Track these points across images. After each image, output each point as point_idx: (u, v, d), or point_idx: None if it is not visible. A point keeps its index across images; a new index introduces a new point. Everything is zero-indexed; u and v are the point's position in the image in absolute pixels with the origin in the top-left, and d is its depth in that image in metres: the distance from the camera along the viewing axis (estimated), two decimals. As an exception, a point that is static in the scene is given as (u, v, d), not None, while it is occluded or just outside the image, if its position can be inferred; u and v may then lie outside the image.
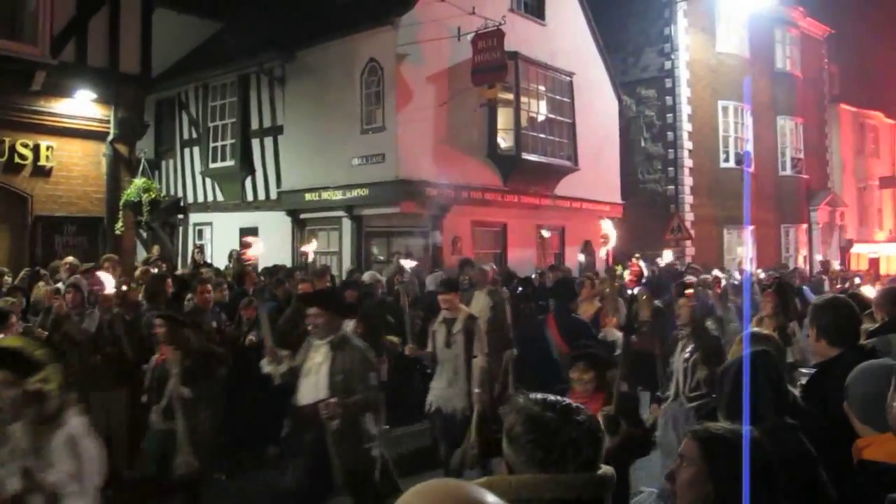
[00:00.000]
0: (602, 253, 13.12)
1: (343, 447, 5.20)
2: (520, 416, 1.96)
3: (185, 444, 5.83)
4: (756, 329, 4.38)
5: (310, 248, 9.60)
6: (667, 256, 15.70)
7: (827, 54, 29.76)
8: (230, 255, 12.75)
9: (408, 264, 10.66)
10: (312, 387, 5.37)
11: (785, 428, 2.95)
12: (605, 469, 1.95)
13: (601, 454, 1.94)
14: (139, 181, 13.91)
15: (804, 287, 13.46)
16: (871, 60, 30.24)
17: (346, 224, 15.87)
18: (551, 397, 2.02)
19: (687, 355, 6.16)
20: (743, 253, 22.51)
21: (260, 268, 13.26)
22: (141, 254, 14.47)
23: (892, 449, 2.64)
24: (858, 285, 13.93)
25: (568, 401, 2.04)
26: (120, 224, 13.32)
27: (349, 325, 6.49)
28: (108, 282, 7.33)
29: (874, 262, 31.45)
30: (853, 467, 2.83)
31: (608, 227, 7.59)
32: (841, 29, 29.49)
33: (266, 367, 5.71)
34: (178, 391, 5.89)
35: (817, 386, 3.84)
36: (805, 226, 27.10)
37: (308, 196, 16.09)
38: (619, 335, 7.78)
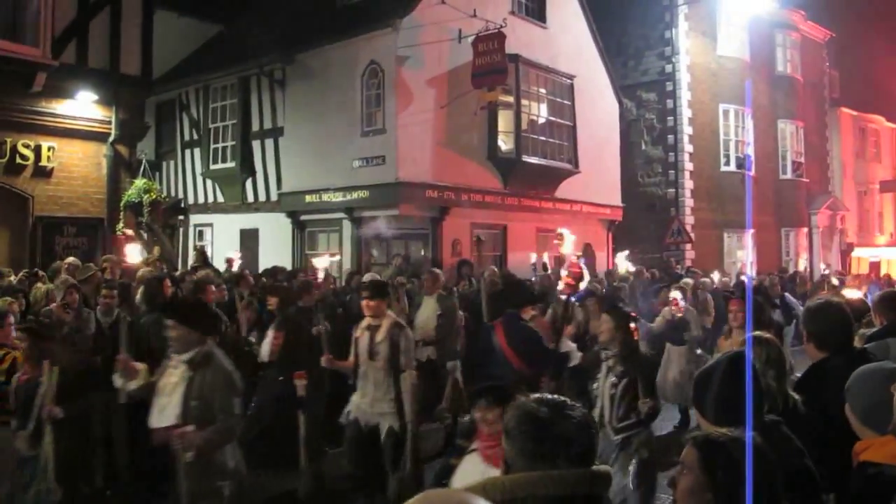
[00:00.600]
0: (544, 258, 12.86)
1: (190, 481, 4.48)
2: (516, 411, 2.01)
3: (50, 470, 5.27)
4: (757, 333, 4.27)
5: (321, 262, 9.32)
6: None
7: (828, 58, 29.78)
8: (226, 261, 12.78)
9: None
10: (162, 410, 4.62)
11: (770, 426, 2.95)
12: (600, 466, 1.97)
13: (594, 450, 1.96)
14: (140, 182, 13.94)
15: (786, 294, 13.40)
16: (872, 64, 30.27)
17: (347, 226, 15.88)
18: (549, 395, 2.05)
19: (614, 379, 5.41)
20: (743, 257, 22.51)
21: (260, 269, 13.30)
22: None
23: (893, 451, 2.65)
24: (836, 287, 13.88)
25: (563, 398, 2.06)
26: (121, 225, 13.35)
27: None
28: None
29: (875, 266, 31.48)
30: (851, 469, 2.84)
31: (566, 230, 6.85)
32: (842, 32, 29.53)
33: (117, 381, 5.04)
34: (49, 411, 5.30)
35: (804, 389, 3.86)
36: (805, 230, 27.09)
37: (308, 198, 16.10)
38: (573, 346, 7.30)
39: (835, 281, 16.04)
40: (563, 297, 6.54)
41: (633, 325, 5.69)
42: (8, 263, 11.31)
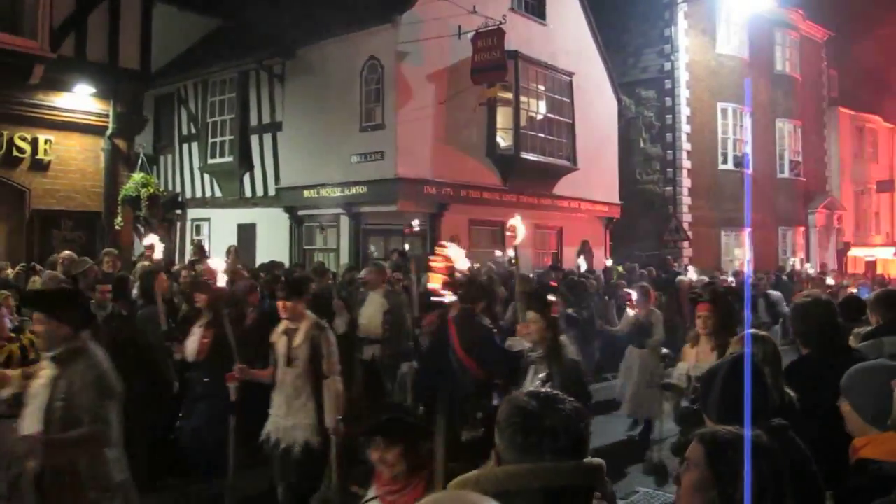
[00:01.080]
0: (510, 251, 12.48)
1: (51, 498, 3.93)
2: (507, 404, 2.03)
3: None
4: (754, 330, 4.27)
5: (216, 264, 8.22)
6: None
7: (826, 57, 29.80)
8: (227, 251, 12.75)
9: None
10: (30, 416, 4.04)
11: (777, 429, 2.95)
12: (594, 459, 1.97)
13: (585, 442, 1.96)
14: (137, 176, 13.91)
15: (769, 292, 13.38)
16: (871, 64, 30.27)
17: (345, 221, 15.86)
18: (543, 389, 2.06)
19: (538, 384, 4.66)
20: (741, 255, 22.55)
21: (257, 264, 13.27)
22: (139, 249, 14.44)
23: (892, 448, 2.65)
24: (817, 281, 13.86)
25: (555, 392, 2.07)
26: (119, 219, 13.31)
27: None
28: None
29: (871, 266, 31.54)
30: (847, 467, 2.85)
31: (517, 220, 5.84)
32: (840, 32, 29.52)
33: None
34: None
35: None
36: (803, 228, 27.14)
37: (306, 193, 16.09)
38: (528, 345, 6.67)
39: (830, 280, 16.06)
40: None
41: (552, 300, 5.14)
42: (5, 257, 11.27)
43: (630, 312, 9.26)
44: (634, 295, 9.11)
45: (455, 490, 1.88)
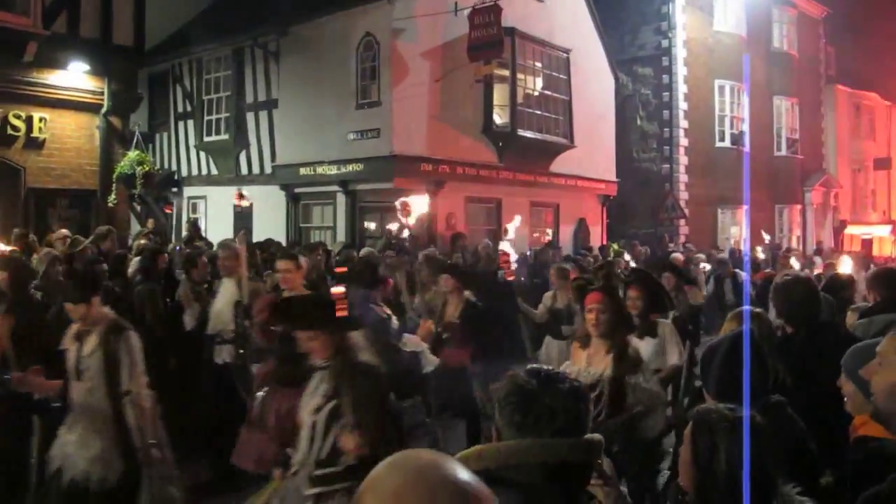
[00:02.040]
0: (402, 228, 11.40)
1: None
2: (507, 383, 2.02)
3: None
4: (748, 307, 4.26)
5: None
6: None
7: (824, 34, 29.66)
8: (238, 238, 12.57)
9: None
10: None
11: (776, 406, 2.98)
12: (593, 435, 2.00)
13: (583, 421, 1.98)
14: (133, 154, 13.87)
15: (736, 270, 13.16)
16: (868, 42, 30.16)
17: (341, 199, 15.84)
18: (544, 368, 2.08)
19: (319, 401, 3.64)
20: (737, 233, 22.57)
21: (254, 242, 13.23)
22: (135, 227, 14.44)
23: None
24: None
25: (556, 370, 2.09)
26: (112, 197, 13.29)
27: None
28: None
29: (867, 244, 31.59)
30: (838, 443, 2.87)
31: (418, 200, 4.99)
32: (838, 9, 29.36)
33: None
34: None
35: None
36: (799, 206, 27.16)
37: (302, 171, 16.06)
38: (424, 347, 6.11)
39: (794, 263, 15.59)
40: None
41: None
42: (0, 236, 11.25)
43: (548, 295, 8.42)
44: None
45: (482, 455, 1.92)
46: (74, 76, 12.84)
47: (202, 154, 18.79)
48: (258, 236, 14.48)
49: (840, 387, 2.89)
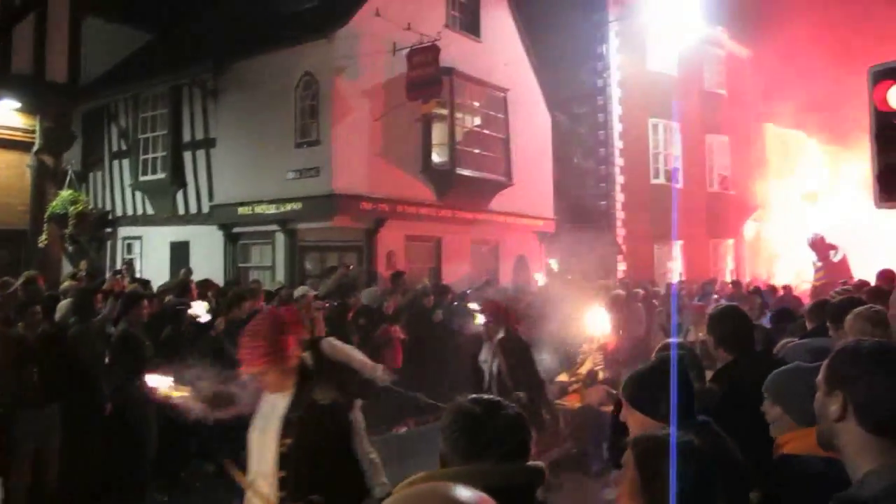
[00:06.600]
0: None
1: None
2: (452, 410, 2.06)
3: None
4: (673, 339, 4.45)
5: None
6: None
7: (752, 75, 30.64)
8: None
9: None
10: None
11: (702, 426, 3.04)
12: (537, 462, 2.04)
13: (527, 446, 2.03)
14: (66, 193, 13.63)
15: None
16: (792, 82, 31.22)
17: (280, 238, 15.71)
18: (486, 396, 2.13)
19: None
20: (672, 268, 22.99)
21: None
22: (66, 268, 14.09)
23: (815, 442, 2.75)
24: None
25: (498, 398, 2.13)
26: (44, 237, 12.98)
27: None
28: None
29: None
30: (772, 463, 2.94)
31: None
32: (762, 51, 30.38)
33: None
34: None
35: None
36: (733, 241, 27.84)
37: (241, 210, 15.89)
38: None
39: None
40: None
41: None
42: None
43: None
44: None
45: (428, 481, 1.92)
46: (5, 113, 12.60)
47: (138, 193, 18.45)
48: (195, 276, 14.27)
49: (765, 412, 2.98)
